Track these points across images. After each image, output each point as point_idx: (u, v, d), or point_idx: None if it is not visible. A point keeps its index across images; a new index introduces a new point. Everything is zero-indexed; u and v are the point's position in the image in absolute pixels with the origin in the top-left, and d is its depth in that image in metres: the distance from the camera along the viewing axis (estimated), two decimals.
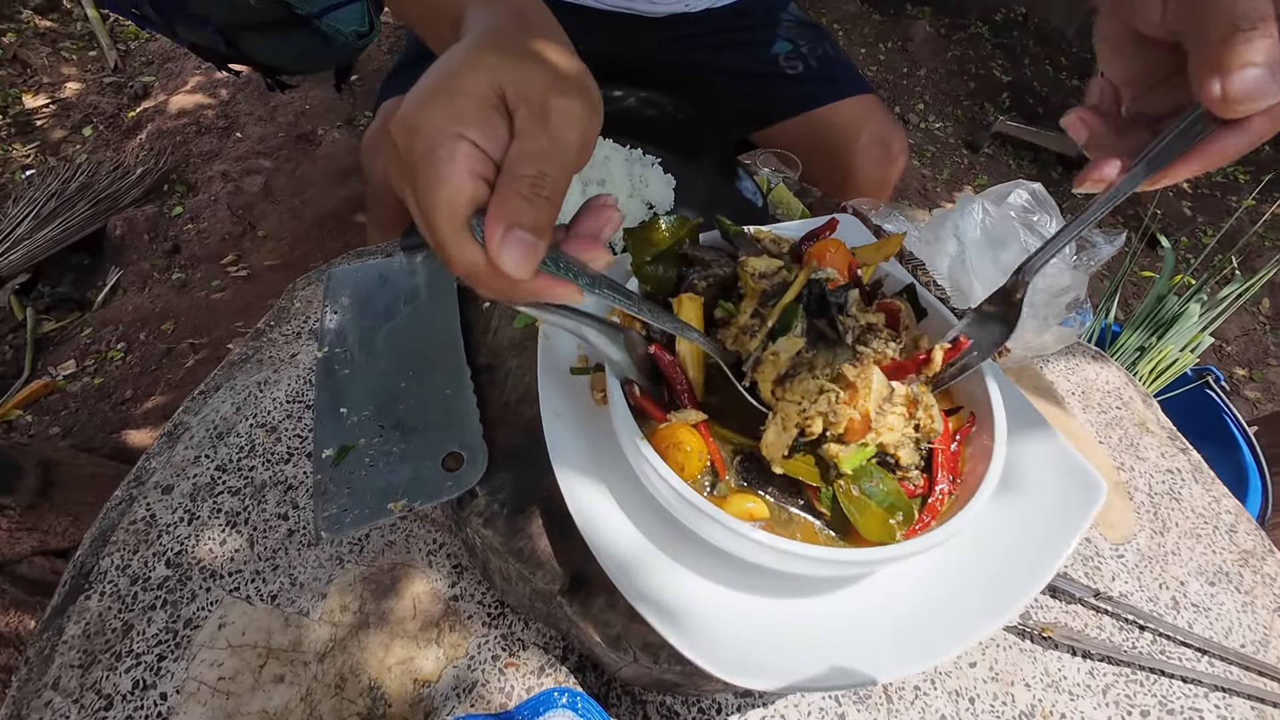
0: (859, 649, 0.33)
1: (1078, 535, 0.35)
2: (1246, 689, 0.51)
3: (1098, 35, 0.34)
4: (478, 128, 0.25)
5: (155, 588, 0.47)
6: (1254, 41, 0.25)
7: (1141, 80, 0.33)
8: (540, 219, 0.25)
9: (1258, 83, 0.25)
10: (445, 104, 0.25)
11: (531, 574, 0.39)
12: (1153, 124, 0.33)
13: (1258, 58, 0.25)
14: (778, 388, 0.35)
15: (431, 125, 0.25)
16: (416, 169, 0.25)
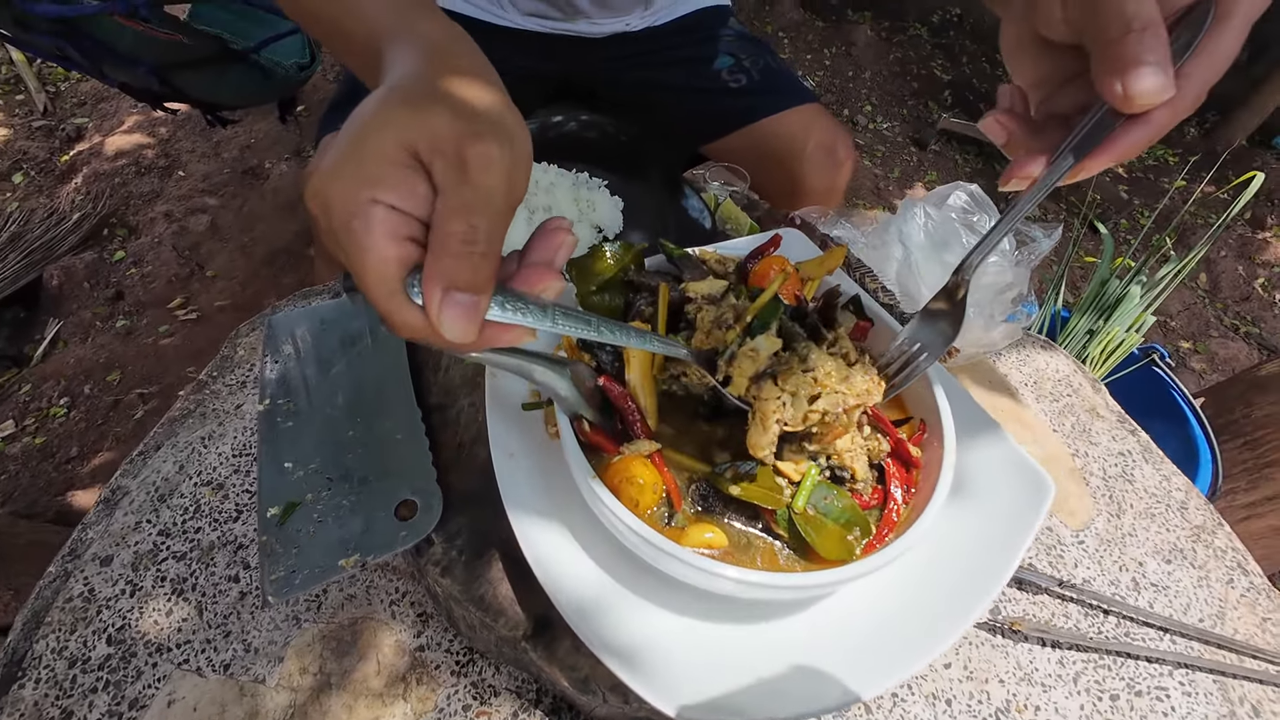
0: (828, 671, 0.33)
1: (1031, 534, 0.36)
2: (1207, 663, 0.52)
3: (1003, 42, 0.36)
4: (390, 189, 0.24)
5: (96, 668, 0.44)
6: (1147, 41, 0.27)
7: (1046, 82, 0.35)
8: (477, 277, 0.24)
9: (1153, 79, 0.27)
10: (354, 170, 0.24)
11: (494, 622, 0.38)
12: (1063, 122, 0.34)
13: (1151, 56, 0.26)
14: (754, 385, 0.35)
15: (343, 195, 0.24)
16: (338, 239, 0.25)
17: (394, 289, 0.25)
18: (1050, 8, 0.31)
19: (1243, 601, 0.57)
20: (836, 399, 0.35)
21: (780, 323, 0.38)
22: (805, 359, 0.36)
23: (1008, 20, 0.36)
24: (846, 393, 0.35)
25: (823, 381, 0.35)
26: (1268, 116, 2.74)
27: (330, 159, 0.25)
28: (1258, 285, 2.18)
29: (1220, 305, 2.12)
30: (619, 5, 0.90)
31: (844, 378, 0.35)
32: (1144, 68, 0.26)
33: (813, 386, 0.34)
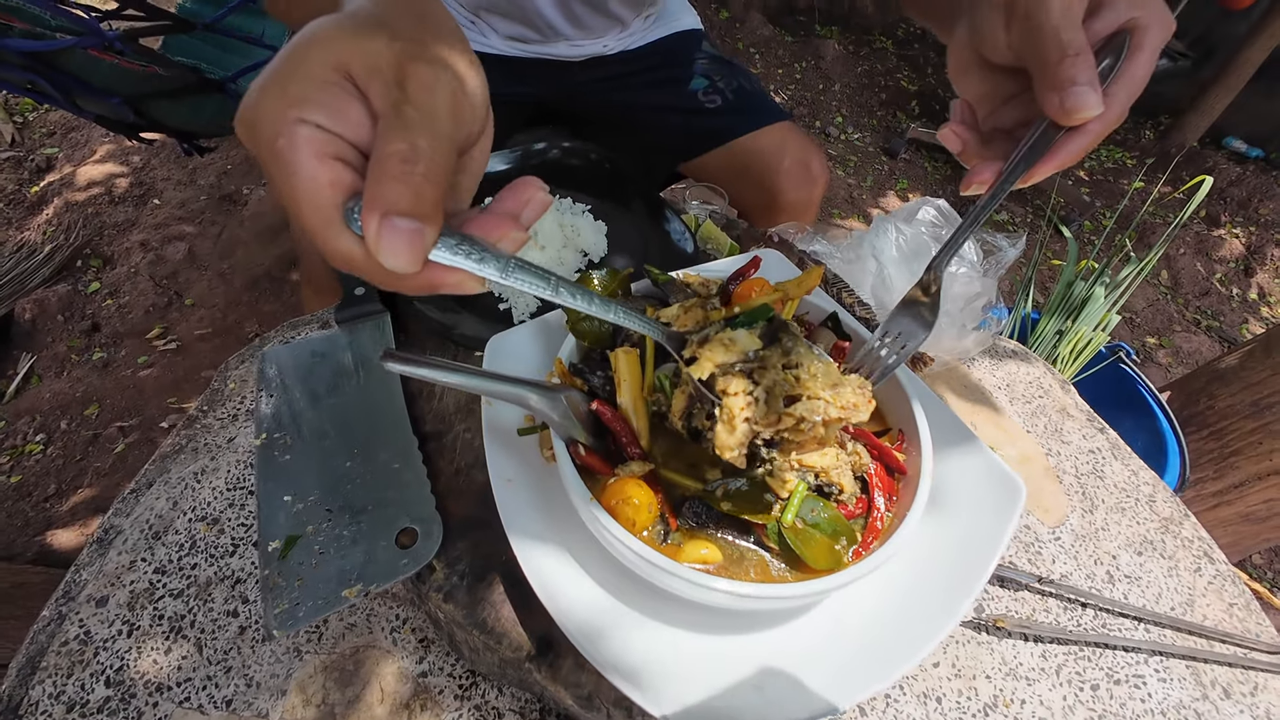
0: (821, 677, 0.34)
1: (1007, 536, 0.38)
2: (1179, 650, 0.55)
3: (951, 64, 0.41)
4: (317, 108, 0.23)
5: (95, 711, 0.44)
6: (1080, 65, 0.32)
7: (990, 100, 0.39)
8: (420, 202, 0.22)
9: (1087, 97, 0.32)
10: (280, 90, 0.23)
11: (497, 644, 0.39)
12: (1006, 135, 0.39)
13: (1084, 78, 0.32)
14: (723, 378, 0.34)
15: (269, 114, 0.23)
16: (266, 165, 0.23)
17: (328, 215, 0.23)
18: (994, 35, 0.35)
19: (1210, 589, 0.60)
20: (817, 406, 0.33)
21: (770, 324, 0.37)
22: (790, 353, 0.35)
23: (954, 46, 0.40)
24: (830, 401, 0.33)
25: (805, 383, 0.34)
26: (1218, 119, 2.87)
27: (258, 82, 0.24)
28: (1216, 280, 2.27)
29: (1182, 301, 2.20)
30: (595, 27, 0.93)
31: (833, 384, 0.34)
32: (1079, 87, 0.31)
33: (793, 386, 0.33)
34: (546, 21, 0.86)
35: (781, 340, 0.37)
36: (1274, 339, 1.25)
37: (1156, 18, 0.33)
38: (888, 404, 0.44)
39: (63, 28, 1.02)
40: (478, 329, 0.54)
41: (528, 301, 0.59)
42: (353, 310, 0.56)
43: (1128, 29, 0.34)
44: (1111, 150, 2.95)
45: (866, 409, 0.35)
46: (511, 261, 0.25)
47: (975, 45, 0.38)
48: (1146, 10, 0.33)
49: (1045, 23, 0.32)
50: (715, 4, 3.08)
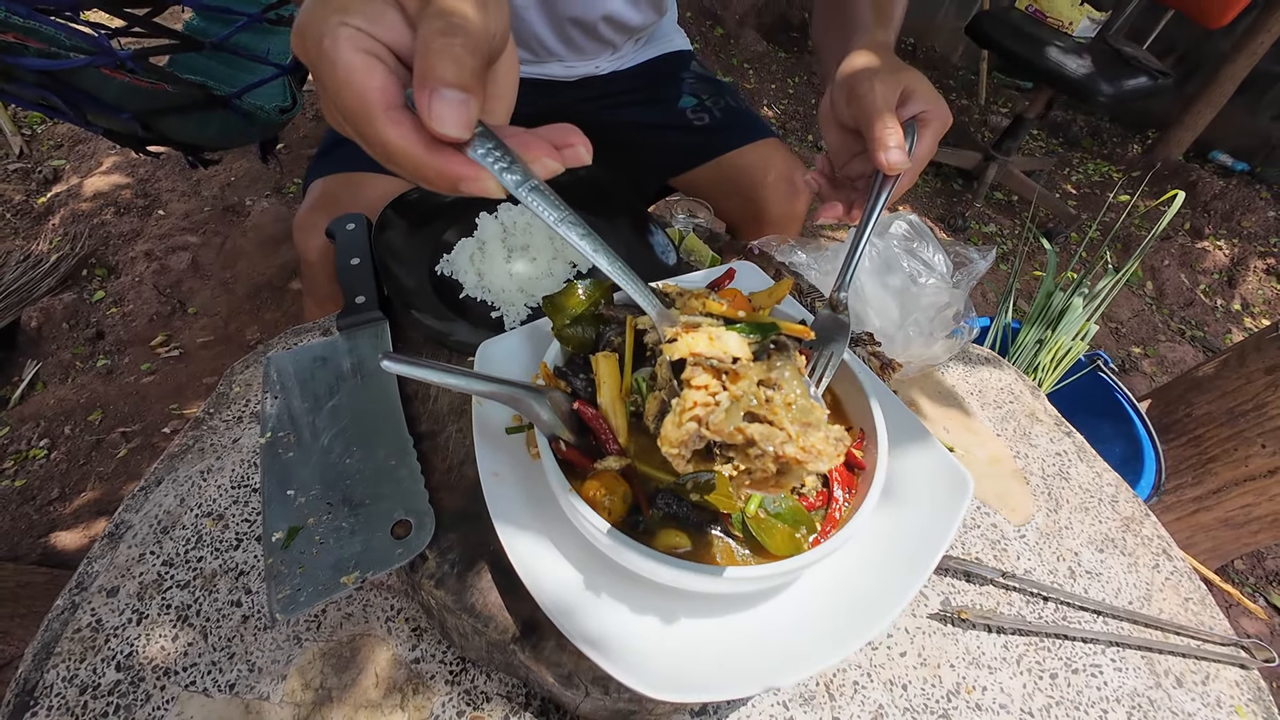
0: (783, 652, 0.37)
1: (956, 522, 0.41)
2: (1136, 641, 0.58)
3: (820, 120, 0.56)
4: (357, 14, 0.26)
5: (106, 694, 0.47)
6: (890, 131, 0.47)
7: (843, 153, 0.54)
8: (462, 73, 0.25)
9: (898, 155, 0.47)
10: (324, 3, 0.26)
11: (484, 627, 0.42)
12: (851, 183, 0.55)
13: (894, 142, 0.47)
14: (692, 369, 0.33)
15: (314, 21, 0.26)
16: (314, 68, 0.27)
17: (368, 105, 0.26)
18: (840, 106, 0.52)
19: (1167, 584, 0.63)
20: (774, 435, 0.31)
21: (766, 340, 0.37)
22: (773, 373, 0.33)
23: (820, 107, 0.55)
24: (792, 437, 0.31)
25: (774, 408, 0.32)
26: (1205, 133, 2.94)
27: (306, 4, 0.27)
28: (1199, 291, 2.32)
29: (1166, 311, 2.24)
30: (588, 49, 0.97)
31: (805, 423, 0.32)
32: (893, 150, 0.47)
33: (760, 405, 0.32)
34: (541, 43, 0.90)
35: (771, 358, 0.36)
36: (1248, 348, 1.29)
37: (938, 112, 0.50)
38: (850, 404, 0.47)
39: (77, 47, 1.06)
40: (471, 335, 0.58)
41: (518, 310, 0.62)
42: (353, 318, 0.59)
43: (920, 118, 0.50)
44: (1099, 164, 3.01)
45: (831, 460, 0.32)
46: (532, 181, 0.27)
47: (831, 110, 0.53)
48: (933, 106, 0.50)
49: (872, 102, 0.48)
50: (710, 21, 3.15)
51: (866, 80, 0.48)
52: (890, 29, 0.58)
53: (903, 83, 0.49)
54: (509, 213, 0.68)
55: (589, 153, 0.30)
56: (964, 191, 2.64)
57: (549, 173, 0.28)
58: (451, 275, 0.65)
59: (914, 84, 0.49)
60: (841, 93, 0.51)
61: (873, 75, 0.49)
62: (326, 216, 0.79)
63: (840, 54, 0.54)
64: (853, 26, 0.58)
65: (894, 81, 0.49)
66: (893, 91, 0.48)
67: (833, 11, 0.65)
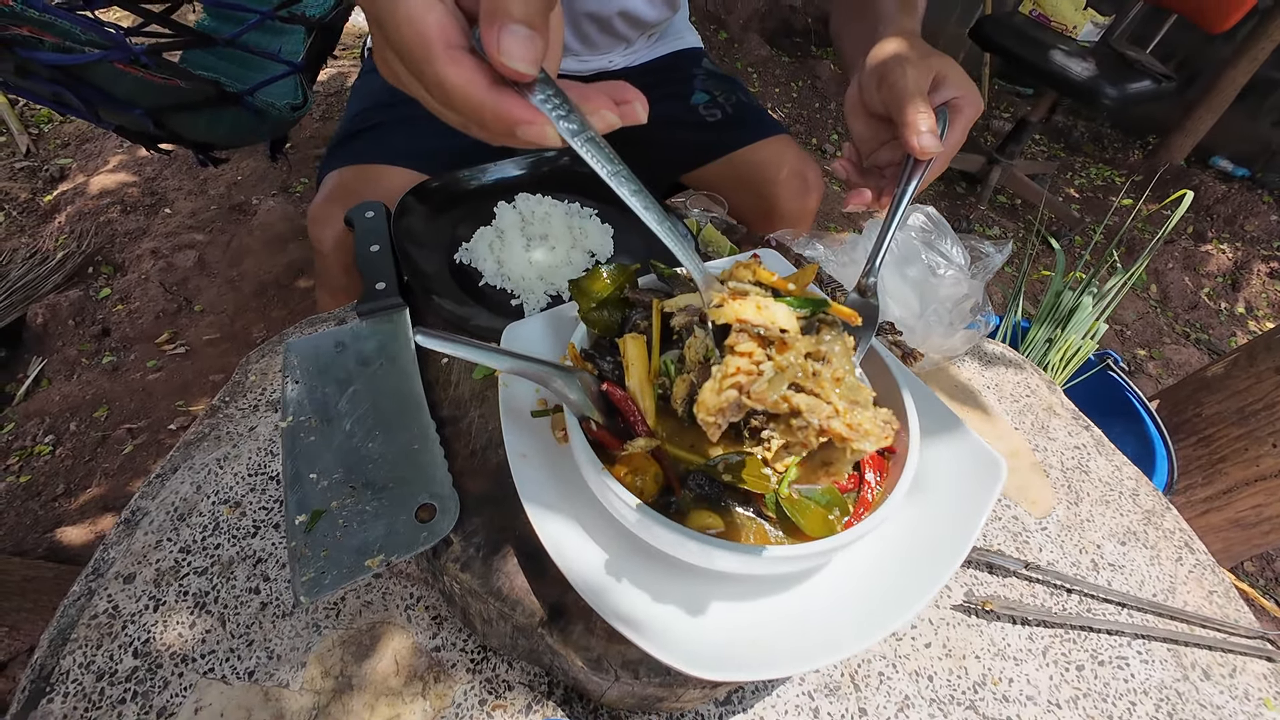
0: (816, 635, 0.37)
1: (988, 507, 0.41)
2: (1161, 633, 0.57)
3: (845, 109, 0.56)
4: None
5: (123, 680, 0.46)
6: (922, 115, 0.46)
7: (870, 141, 0.54)
8: (530, 12, 0.25)
9: (931, 139, 0.46)
10: None
11: (511, 611, 0.41)
12: (879, 171, 0.54)
13: (926, 126, 0.46)
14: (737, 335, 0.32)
15: None
16: (375, 13, 0.27)
17: (428, 44, 0.26)
18: (870, 93, 0.51)
19: (1190, 577, 0.63)
20: (820, 407, 0.30)
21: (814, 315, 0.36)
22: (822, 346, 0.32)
23: (847, 96, 0.55)
24: (838, 412, 0.30)
25: (821, 382, 0.31)
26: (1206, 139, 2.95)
27: None
28: (1203, 294, 2.32)
29: (1171, 314, 2.25)
30: (602, 45, 0.98)
31: (851, 400, 0.31)
32: (925, 134, 0.46)
33: (806, 378, 0.31)
34: None
35: (820, 333, 0.35)
36: (1258, 348, 1.29)
37: (970, 99, 0.50)
38: (879, 391, 0.47)
39: (92, 42, 1.06)
40: (491, 321, 0.57)
41: (538, 298, 0.62)
42: (373, 304, 0.59)
43: (952, 104, 0.49)
44: (1101, 169, 3.02)
45: (878, 441, 0.31)
46: (589, 132, 0.27)
47: (860, 97, 0.53)
48: (966, 92, 0.49)
49: (904, 87, 0.47)
50: (714, 26, 3.17)
51: (898, 66, 0.48)
52: (916, 18, 0.58)
53: (934, 68, 0.49)
54: (527, 202, 0.68)
55: (645, 110, 0.29)
56: (968, 194, 2.65)
57: (607, 126, 0.28)
58: (470, 263, 0.64)
59: (946, 70, 0.49)
60: (872, 79, 0.50)
61: (904, 61, 0.48)
62: (341, 207, 0.79)
63: (865, 44, 0.54)
64: (877, 16, 0.58)
65: (925, 67, 0.48)
66: (925, 76, 0.48)
67: (853, 5, 0.64)
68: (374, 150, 0.83)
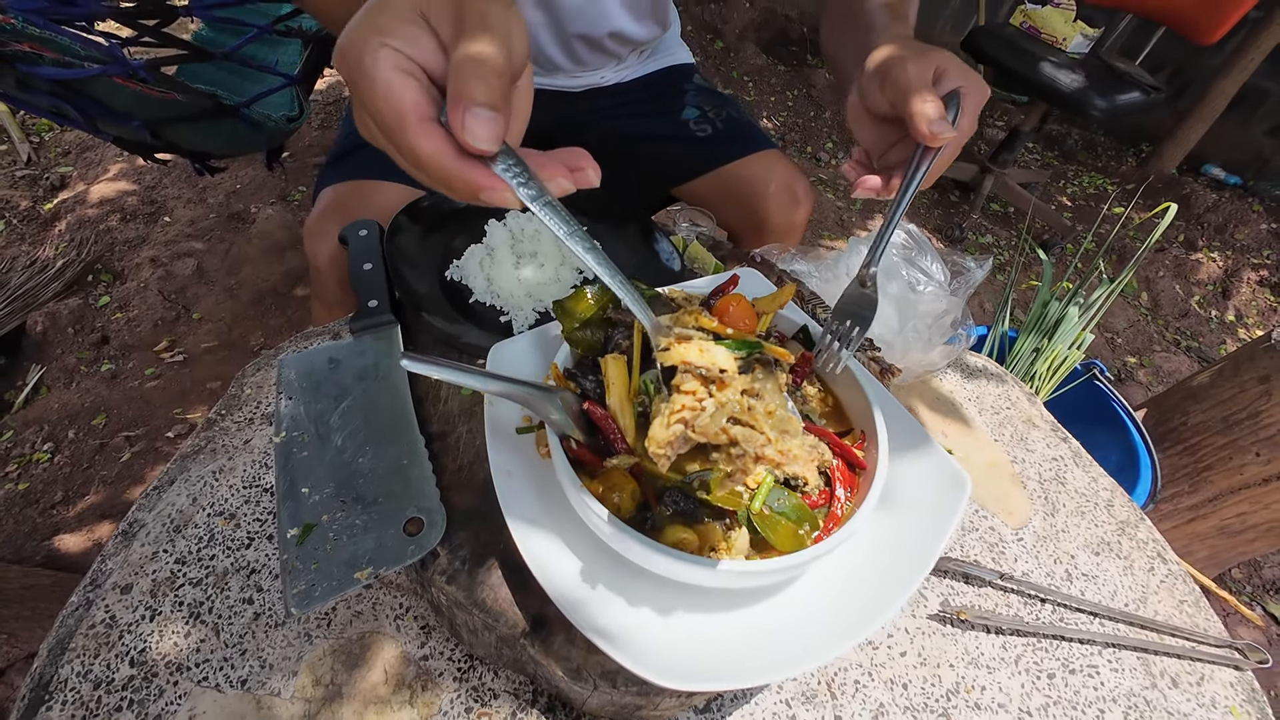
0: (786, 646, 0.38)
1: (954, 521, 0.42)
2: (1132, 642, 0.59)
3: (848, 117, 0.55)
4: (396, 36, 0.29)
5: (120, 689, 0.47)
6: (929, 103, 0.45)
7: (879, 144, 0.53)
8: (492, 95, 0.28)
9: (941, 124, 0.45)
10: (368, 24, 0.29)
11: (495, 622, 0.43)
12: (891, 170, 0.52)
13: (934, 111, 0.45)
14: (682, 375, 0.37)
15: (358, 41, 0.29)
16: (354, 83, 0.29)
17: (401, 116, 0.28)
18: (874, 95, 0.50)
19: (1162, 587, 0.64)
20: (755, 438, 0.36)
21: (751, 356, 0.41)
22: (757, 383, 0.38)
23: (849, 104, 0.54)
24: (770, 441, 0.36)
25: (755, 415, 0.36)
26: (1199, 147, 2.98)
27: (352, 22, 0.30)
28: (1194, 303, 2.34)
29: (1161, 322, 2.27)
30: (593, 62, 1.00)
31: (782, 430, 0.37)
32: (936, 120, 0.45)
33: (742, 412, 0.36)
34: (548, 58, 0.92)
35: (755, 372, 0.40)
36: (1242, 358, 1.30)
37: (975, 86, 0.49)
38: (851, 407, 0.49)
39: (91, 57, 1.08)
40: (481, 339, 0.59)
41: (526, 315, 0.64)
42: (366, 321, 0.60)
43: (959, 91, 0.48)
44: (1093, 177, 3.05)
45: (806, 467, 0.39)
46: (546, 197, 0.30)
47: (863, 102, 0.52)
48: (969, 81, 0.49)
49: (907, 82, 0.46)
50: (710, 35, 3.20)
51: (899, 64, 0.48)
52: (908, 25, 0.58)
53: (934, 61, 0.48)
54: (517, 220, 0.69)
55: (597, 176, 0.32)
56: (961, 203, 2.67)
57: (562, 191, 0.31)
58: (461, 280, 0.66)
59: (946, 62, 0.49)
60: (874, 81, 0.50)
61: (904, 59, 0.48)
62: (336, 223, 0.81)
63: (859, 52, 0.54)
64: (869, 26, 0.58)
65: (926, 61, 0.48)
66: (926, 70, 0.48)
67: (844, 18, 0.65)
68: (368, 167, 0.85)
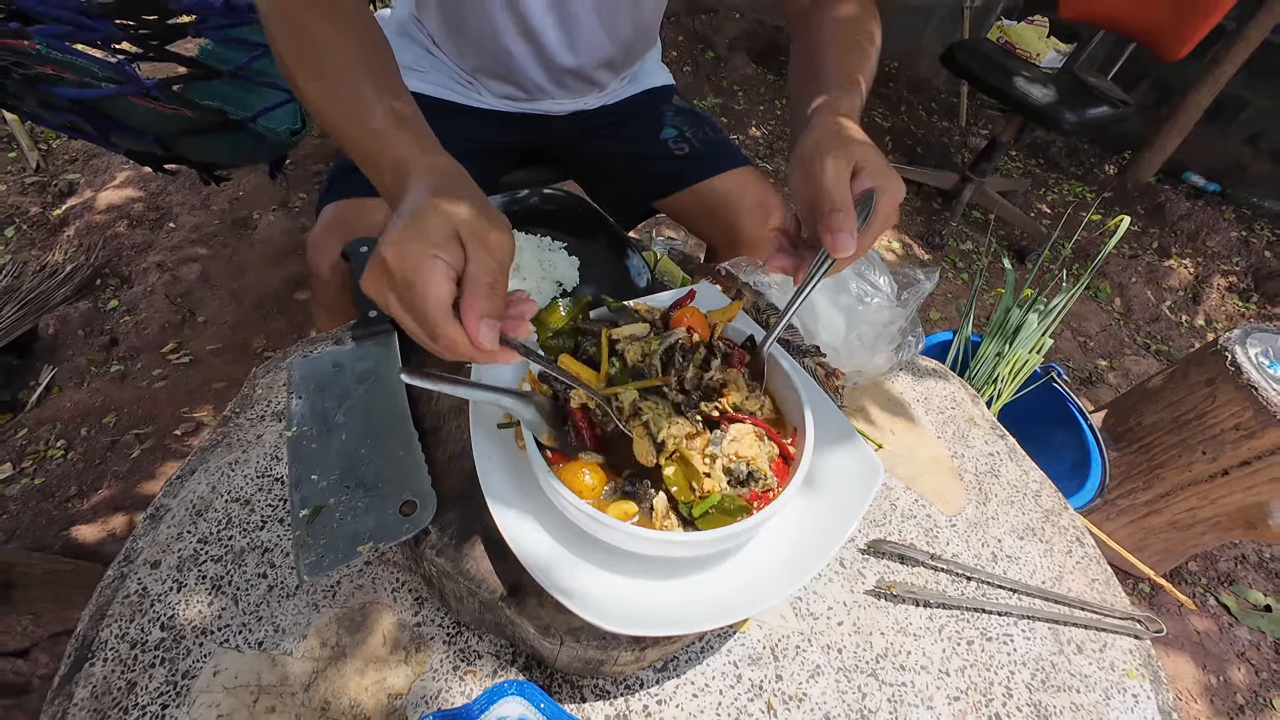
0: (718, 605, 0.46)
1: (868, 501, 0.50)
2: (1045, 615, 0.66)
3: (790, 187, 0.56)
4: (446, 251, 0.40)
5: (153, 649, 0.55)
6: (843, 217, 0.47)
7: (809, 217, 0.53)
8: (497, 308, 0.41)
9: (847, 240, 0.47)
10: (423, 236, 0.40)
11: (477, 588, 0.50)
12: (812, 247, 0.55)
13: (846, 227, 0.47)
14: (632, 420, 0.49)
15: (417, 252, 0.40)
16: (410, 280, 0.39)
17: (447, 311, 0.40)
18: (795, 181, 0.52)
19: (1078, 567, 0.72)
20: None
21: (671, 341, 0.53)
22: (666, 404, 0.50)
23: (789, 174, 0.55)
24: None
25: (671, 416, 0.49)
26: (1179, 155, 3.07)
27: (401, 232, 0.40)
28: (1165, 308, 2.43)
29: (1133, 326, 2.35)
30: (576, 89, 1.07)
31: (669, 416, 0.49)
32: (842, 233, 0.47)
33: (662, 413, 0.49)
34: (534, 84, 1.00)
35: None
36: (1192, 362, 1.39)
37: (892, 185, 0.50)
38: (788, 408, 0.56)
39: (108, 78, 1.15)
40: None
41: None
42: (366, 330, 0.68)
43: (875, 190, 0.50)
44: (1073, 185, 3.14)
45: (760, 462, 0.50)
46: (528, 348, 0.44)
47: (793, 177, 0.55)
48: (887, 179, 0.50)
49: (822, 182, 0.48)
50: (701, 45, 3.28)
51: (819, 159, 0.49)
52: (855, 94, 0.60)
53: (854, 157, 0.50)
54: None
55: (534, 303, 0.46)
56: (943, 210, 2.76)
57: (528, 335, 0.45)
58: None
59: (865, 158, 0.50)
60: (797, 170, 0.52)
61: (824, 153, 0.49)
62: (338, 238, 0.88)
63: (804, 113, 0.56)
64: (819, 87, 0.60)
65: (845, 156, 0.49)
66: (844, 168, 0.49)
67: (805, 70, 0.67)
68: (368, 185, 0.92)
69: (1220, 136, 3.27)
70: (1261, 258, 2.65)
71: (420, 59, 1.03)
